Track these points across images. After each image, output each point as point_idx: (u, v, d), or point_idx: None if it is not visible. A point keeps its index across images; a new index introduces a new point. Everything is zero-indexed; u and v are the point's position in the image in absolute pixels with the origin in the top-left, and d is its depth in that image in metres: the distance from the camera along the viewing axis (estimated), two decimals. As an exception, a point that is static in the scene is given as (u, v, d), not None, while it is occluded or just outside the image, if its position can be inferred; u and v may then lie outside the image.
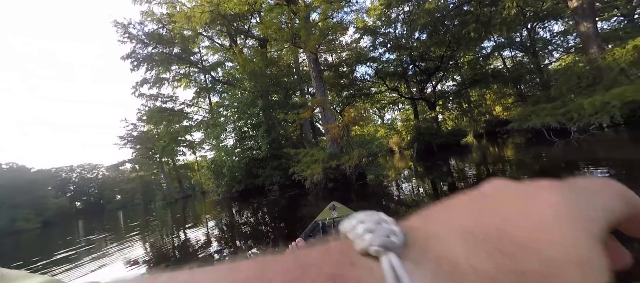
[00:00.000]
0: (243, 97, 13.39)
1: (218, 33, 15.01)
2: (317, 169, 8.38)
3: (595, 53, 8.67)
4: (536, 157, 6.60)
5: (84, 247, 6.85)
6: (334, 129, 9.32)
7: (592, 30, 8.72)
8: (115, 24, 13.77)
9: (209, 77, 18.46)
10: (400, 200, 5.22)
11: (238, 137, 13.92)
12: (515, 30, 16.06)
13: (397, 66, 18.26)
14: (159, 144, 22.98)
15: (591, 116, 7.06)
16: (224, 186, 13.15)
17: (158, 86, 17.94)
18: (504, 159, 7.95)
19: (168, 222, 9.63)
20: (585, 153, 5.77)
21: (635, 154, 4.76)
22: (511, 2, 10.22)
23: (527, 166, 6.02)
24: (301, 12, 7.90)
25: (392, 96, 22.17)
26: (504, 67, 20.06)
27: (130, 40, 14.18)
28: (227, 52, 15.74)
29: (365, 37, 17.53)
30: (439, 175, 7.23)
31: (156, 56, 14.92)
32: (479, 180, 4.02)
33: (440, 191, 5.20)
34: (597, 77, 8.49)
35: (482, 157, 9.21)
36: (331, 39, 13.95)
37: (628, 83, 7.40)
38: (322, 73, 10.86)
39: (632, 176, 3.44)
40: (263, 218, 6.51)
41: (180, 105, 20.39)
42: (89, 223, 17.51)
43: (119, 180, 46.20)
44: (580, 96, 8.25)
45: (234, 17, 11.76)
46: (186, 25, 11.26)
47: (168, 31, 14.44)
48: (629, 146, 5.80)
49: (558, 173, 4.47)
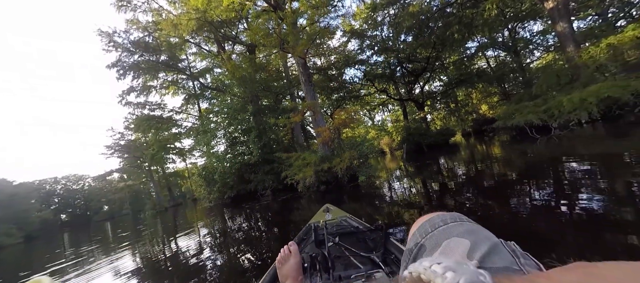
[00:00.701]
0: (233, 102, 13.34)
1: (205, 39, 14.92)
2: (309, 172, 8.42)
3: (572, 51, 9.07)
4: (522, 154, 6.83)
5: (70, 260, 6.65)
6: (325, 132, 9.40)
7: (568, 29, 9.13)
8: (100, 33, 13.50)
9: (197, 83, 18.29)
10: (391, 200, 5.31)
11: (229, 143, 13.84)
12: (496, 31, 16.62)
13: (385, 67, 18.55)
14: (148, 153, 22.55)
15: (570, 112, 7.36)
16: (215, 192, 13.03)
17: (145, 93, 17.63)
18: (491, 157, 8.18)
19: (159, 231, 9.46)
20: (566, 148, 6.02)
21: (611, 149, 5.00)
22: (491, 4, 10.58)
23: (514, 163, 6.23)
24: (288, 18, 7.96)
25: (382, 98, 22.45)
26: (488, 67, 20.69)
27: (115, 48, 13.92)
28: (216, 58, 15.66)
29: (352, 40, 17.75)
30: (429, 175, 7.38)
31: (143, 64, 14.69)
32: (468, 178, 4.13)
33: (431, 190, 5.32)
34: (575, 75, 8.87)
35: (470, 155, 9.45)
36: (319, 43, 14.06)
37: (603, 80, 7.78)
38: (311, 77, 10.94)
39: (609, 169, 3.63)
40: (256, 223, 6.50)
41: (168, 112, 20.10)
42: (75, 236, 16.99)
43: (106, 190, 44.95)
44: (560, 93, 8.60)
45: (221, 23, 11.73)
46: (173, 32, 11.15)
47: (154, 39, 14.26)
48: (605, 140, 6.07)
49: (543, 168, 4.67)
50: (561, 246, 1.92)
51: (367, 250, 1.42)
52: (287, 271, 1.14)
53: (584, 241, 1.94)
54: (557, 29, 9.47)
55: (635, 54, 8.28)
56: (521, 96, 11.83)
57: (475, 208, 3.38)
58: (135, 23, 14.01)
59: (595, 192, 2.80)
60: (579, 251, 1.81)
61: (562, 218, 2.42)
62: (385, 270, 1.17)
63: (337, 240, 1.50)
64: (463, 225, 0.48)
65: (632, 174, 3.06)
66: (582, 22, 17.30)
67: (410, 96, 19.79)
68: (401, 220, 3.45)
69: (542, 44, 18.40)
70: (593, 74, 8.23)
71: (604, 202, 2.49)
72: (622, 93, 6.57)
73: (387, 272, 1.15)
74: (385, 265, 1.24)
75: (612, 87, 6.76)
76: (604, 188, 2.89)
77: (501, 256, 0.39)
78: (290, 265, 1.15)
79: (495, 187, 4.37)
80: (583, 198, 2.71)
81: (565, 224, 2.29)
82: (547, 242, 2.01)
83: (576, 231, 2.12)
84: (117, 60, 14.34)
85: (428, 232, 0.49)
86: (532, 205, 2.96)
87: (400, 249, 1.31)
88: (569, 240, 2.01)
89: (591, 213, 2.33)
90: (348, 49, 18.41)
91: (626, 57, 8.22)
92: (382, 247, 1.36)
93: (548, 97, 8.83)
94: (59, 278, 4.80)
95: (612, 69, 8.24)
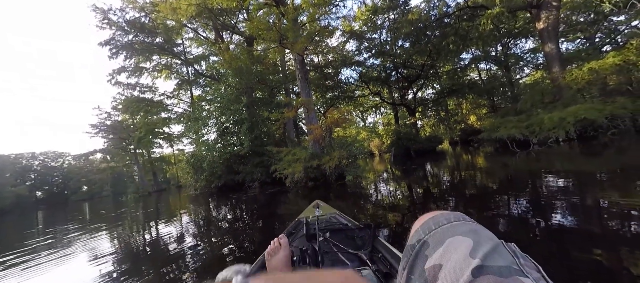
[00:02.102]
0: (227, 92, 13.24)
1: (203, 26, 14.71)
2: (298, 168, 8.54)
3: (557, 72, 9.53)
4: (503, 165, 7.14)
5: (42, 239, 6.48)
6: (317, 130, 9.53)
7: (555, 51, 9.57)
8: (94, 9, 13.10)
9: (191, 69, 18.01)
10: (375, 200, 5.49)
11: (220, 132, 13.75)
12: (490, 45, 17.15)
13: (381, 71, 18.83)
14: (135, 135, 22.06)
15: (550, 130, 7.78)
16: (202, 180, 12.95)
17: (137, 75, 17.23)
18: (474, 166, 8.50)
19: (140, 215, 9.34)
20: (543, 163, 6.37)
21: (584, 166, 5.35)
22: (486, 19, 10.94)
23: (495, 173, 6.52)
24: (290, 14, 8.01)
25: (375, 100, 22.76)
26: (480, 79, 21.30)
27: (109, 26, 13.54)
28: (212, 46, 15.46)
29: (351, 41, 17.92)
30: (414, 179, 7.62)
31: (136, 45, 14.36)
32: (451, 185, 4.36)
33: (415, 194, 5.51)
34: (557, 95, 9.33)
35: (455, 164, 9.78)
36: (318, 41, 14.13)
37: (583, 102, 8.24)
38: (307, 74, 11.02)
39: (580, 185, 3.91)
40: (242, 214, 6.55)
41: (160, 96, 19.70)
42: (50, 214, 16.46)
43: (86, 170, 43.55)
44: (543, 111, 9.04)
45: (221, 11, 11.62)
46: (171, 16, 10.96)
47: (151, 20, 13.95)
48: (579, 158, 6.45)
49: (521, 180, 4.96)
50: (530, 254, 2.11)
51: (355, 247, 1.43)
52: (276, 263, 1.15)
53: (552, 250, 2.11)
54: (545, 49, 9.91)
55: (614, 79, 8.80)
56: (507, 110, 12.31)
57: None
58: (132, 2, 13.67)
59: (566, 205, 3.03)
60: (545, 259, 1.99)
61: (534, 228, 2.63)
62: (372, 268, 1.20)
63: (327, 236, 1.52)
64: (466, 224, 0.50)
65: (601, 191, 3.35)
66: (571, 44, 18.06)
67: (403, 101, 20.16)
68: (386, 220, 3.60)
69: (532, 61, 19.11)
70: (574, 96, 8.69)
71: (573, 216, 2.73)
72: (597, 116, 6.99)
73: (373, 269, 1.19)
74: (372, 263, 1.26)
75: (589, 109, 7.18)
76: (575, 203, 3.12)
77: (502, 256, 0.41)
78: (279, 258, 1.16)
79: (474, 195, 4.61)
80: (555, 210, 2.94)
81: (536, 233, 2.48)
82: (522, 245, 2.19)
83: (545, 240, 2.30)
84: (110, 38, 13.97)
85: (431, 229, 0.50)
86: (508, 214, 3.19)
87: (387, 248, 1.34)
88: (537, 249, 2.16)
89: (562, 225, 2.55)
90: (346, 49, 18.59)
91: (608, 81, 8.73)
92: (370, 245, 1.38)
93: (531, 114, 9.27)
94: (31, 258, 4.68)
95: (593, 93, 8.72)
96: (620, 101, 7.30)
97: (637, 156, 5.27)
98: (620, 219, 2.44)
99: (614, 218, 2.50)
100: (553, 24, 9.46)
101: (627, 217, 2.43)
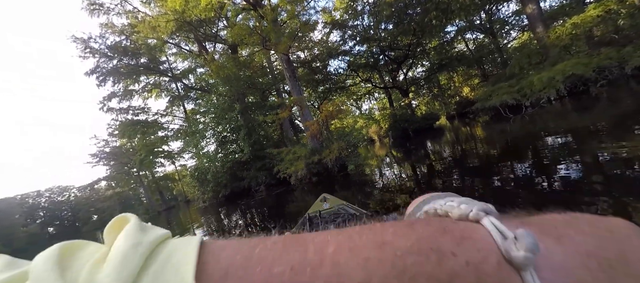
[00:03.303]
0: (219, 102, 13.29)
1: (185, 39, 14.66)
2: (300, 165, 8.66)
3: (542, 32, 9.57)
4: (501, 132, 7.21)
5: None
6: (313, 125, 9.62)
7: (537, 11, 9.60)
8: (74, 40, 13.04)
9: (181, 84, 17.99)
10: (380, 186, 5.62)
11: (219, 142, 13.85)
12: (473, 14, 17.06)
13: (368, 57, 18.79)
14: (136, 158, 22.16)
15: (541, 91, 7.87)
16: (209, 192, 13.10)
17: (128, 98, 17.23)
18: (471, 138, 8.62)
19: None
20: (539, 124, 6.48)
21: (577, 122, 5.45)
22: (465, -10, 10.91)
23: (492, 141, 6.63)
24: (268, 16, 8.01)
25: (367, 87, 22.76)
26: (468, 50, 21.26)
27: (92, 54, 13.49)
28: (197, 58, 15.44)
29: (334, 31, 17.84)
30: (416, 159, 7.72)
31: (122, 68, 14.34)
32: (451, 160, 4.45)
33: (418, 173, 5.64)
34: (545, 55, 9.39)
35: (452, 137, 9.91)
36: (301, 37, 14.10)
37: (569, 58, 8.30)
38: (295, 72, 11.06)
39: (577, 140, 4.01)
40: (252, 218, 6.71)
41: (153, 116, 19.73)
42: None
43: (94, 200, 43.77)
44: (532, 73, 9.11)
45: (200, 23, 11.58)
46: (151, 35, 10.93)
47: (132, 42, 13.90)
48: (572, 115, 6.57)
49: (519, 144, 5.07)
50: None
51: None
52: None
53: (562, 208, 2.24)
54: (526, 11, 9.94)
55: (599, 30, 8.84)
56: (498, 77, 12.38)
57: (460, 186, 3.71)
58: (111, 27, 13.59)
59: (568, 162, 3.13)
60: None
61: (540, 188, 2.72)
62: None
63: (332, 228, 1.64)
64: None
65: (598, 144, 3.44)
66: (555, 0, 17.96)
67: (394, 83, 20.17)
68: (394, 204, 3.71)
69: (518, 24, 19.04)
70: (561, 53, 8.75)
71: (575, 171, 2.82)
72: (584, 70, 7.08)
73: None
74: None
75: (575, 64, 7.27)
76: (574, 159, 3.22)
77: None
78: None
79: (476, 165, 4.74)
80: (554, 171, 3.02)
81: (543, 193, 2.57)
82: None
83: (555, 199, 2.37)
84: (95, 66, 13.96)
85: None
86: (510, 179, 3.30)
87: None
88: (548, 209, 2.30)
89: (566, 180, 2.64)
90: (330, 40, 18.52)
91: (594, 34, 8.76)
92: None
93: (521, 78, 9.34)
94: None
95: (579, 47, 8.76)
96: (605, 52, 7.37)
97: (625, 105, 5.38)
98: (619, 167, 2.52)
99: (613, 168, 2.58)
100: (531, -16, 9.47)
101: (625, 164, 2.51)
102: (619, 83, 7.28)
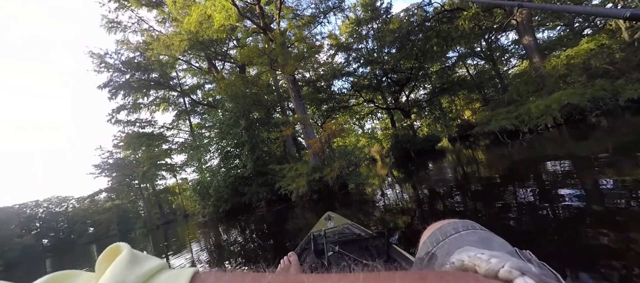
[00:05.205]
0: (225, 117, 13.60)
1: (196, 57, 15.30)
2: (301, 182, 8.77)
3: (538, 62, 9.96)
4: (501, 157, 7.34)
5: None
6: (315, 143, 9.83)
7: (533, 42, 10.04)
8: (91, 55, 13.68)
9: (188, 99, 18.51)
10: (380, 205, 5.67)
11: (222, 157, 14.02)
12: (473, 42, 17.71)
13: (372, 78, 19.33)
14: (139, 170, 22.31)
15: (538, 118, 8.09)
16: (210, 206, 13.10)
17: (136, 111, 17.72)
18: (471, 161, 8.72)
19: (151, 251, 9.46)
20: (536, 150, 6.61)
21: (573, 150, 5.59)
22: (464, 21, 11.47)
23: (491, 166, 6.72)
24: (277, 39, 8.48)
25: (370, 107, 23.20)
26: (469, 75, 21.81)
27: (107, 69, 14.09)
28: (206, 74, 16.00)
29: (339, 53, 18.55)
30: (417, 180, 7.78)
31: (134, 83, 14.89)
32: (451, 182, 4.53)
33: (420, 194, 5.68)
34: (541, 84, 9.71)
35: (454, 160, 10.00)
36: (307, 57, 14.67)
37: (565, 88, 8.59)
38: (300, 91, 11.43)
39: (574, 166, 4.13)
40: (252, 235, 6.71)
41: (159, 129, 20.14)
42: (58, 262, 16.38)
43: (91, 211, 43.32)
44: (530, 100, 9.38)
45: (211, 42, 12.15)
46: (165, 53, 11.49)
47: (145, 58, 14.54)
48: (568, 142, 6.71)
49: (519, 169, 5.17)
50: (546, 258, 2.33)
51: (369, 257, 1.39)
52: None
53: (565, 238, 2.14)
54: (523, 42, 10.38)
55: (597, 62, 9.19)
56: (497, 103, 12.67)
57: (462, 209, 3.78)
58: (126, 43, 14.26)
59: (571, 188, 3.17)
60: (557, 249, 1.99)
61: (542, 214, 2.73)
62: None
63: (336, 249, 1.48)
64: (476, 233, 0.47)
65: (597, 172, 3.50)
66: (553, 32, 18.66)
67: (396, 104, 20.57)
68: (396, 225, 3.67)
69: (517, 52, 19.68)
70: (557, 83, 9.06)
71: (578, 198, 2.82)
72: (580, 100, 7.33)
73: None
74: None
75: (571, 94, 7.52)
76: (574, 185, 3.28)
77: None
78: None
79: (478, 189, 4.81)
80: (555, 198, 3.03)
81: (546, 220, 2.56)
82: (534, 240, 2.26)
83: (557, 227, 2.35)
84: (108, 80, 14.51)
85: (439, 240, 0.48)
86: (508, 203, 3.36)
87: (403, 255, 1.31)
88: (549, 245, 2.16)
89: (570, 209, 2.64)
90: (335, 61, 19.18)
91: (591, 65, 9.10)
92: (385, 255, 1.34)
93: (520, 104, 9.61)
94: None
95: (574, 78, 9.09)
96: (599, 83, 7.65)
97: (620, 134, 5.55)
98: (617, 197, 2.54)
99: (612, 198, 2.60)
100: (526, 17, 9.97)
101: (624, 194, 2.54)
102: (615, 114, 7.50)
